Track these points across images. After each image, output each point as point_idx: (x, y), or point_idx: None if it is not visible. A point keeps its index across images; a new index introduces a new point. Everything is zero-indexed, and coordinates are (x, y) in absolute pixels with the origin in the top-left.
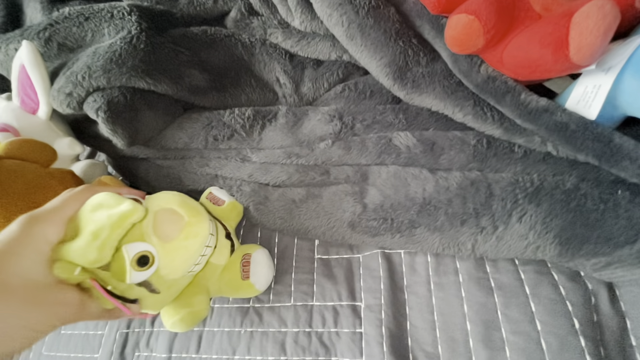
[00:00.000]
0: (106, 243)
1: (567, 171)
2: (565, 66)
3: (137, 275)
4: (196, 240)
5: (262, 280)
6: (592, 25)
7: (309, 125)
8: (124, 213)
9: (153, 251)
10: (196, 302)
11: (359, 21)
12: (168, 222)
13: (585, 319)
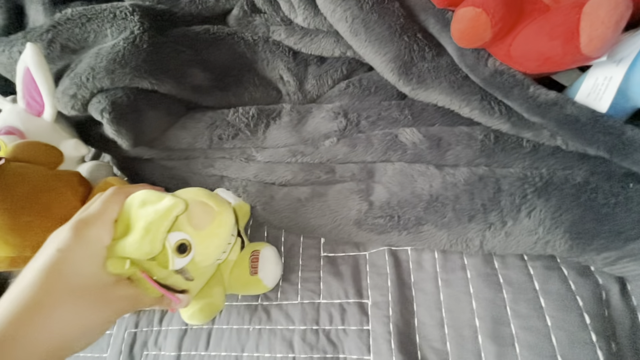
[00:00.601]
0: (157, 235)
1: (576, 165)
2: (576, 58)
3: (178, 262)
4: (226, 228)
5: (270, 276)
6: (604, 15)
7: (313, 123)
8: (169, 207)
9: (190, 239)
10: (215, 293)
11: (362, 16)
12: (201, 213)
13: (596, 314)
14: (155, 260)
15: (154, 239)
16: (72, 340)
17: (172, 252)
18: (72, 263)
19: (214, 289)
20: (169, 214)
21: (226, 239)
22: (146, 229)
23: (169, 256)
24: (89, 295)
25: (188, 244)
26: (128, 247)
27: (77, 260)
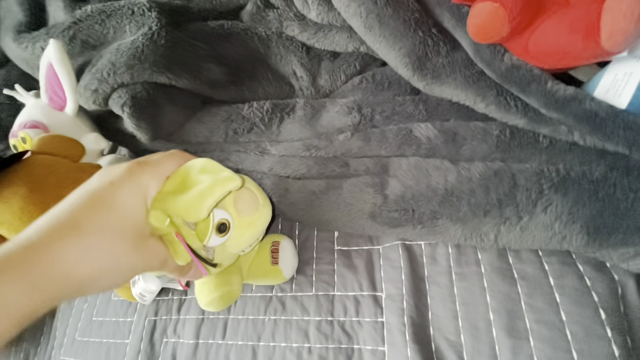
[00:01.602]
0: (209, 201)
1: (594, 160)
2: (596, 53)
3: (214, 239)
4: (264, 222)
5: (289, 267)
6: (626, 9)
7: (327, 117)
8: (227, 178)
9: (231, 221)
10: (234, 281)
11: (377, 11)
12: (247, 200)
13: (612, 310)
14: (194, 231)
15: (206, 204)
16: (96, 275)
17: (213, 228)
18: (121, 199)
19: (233, 277)
20: (226, 184)
21: (260, 233)
22: (202, 193)
23: (209, 230)
24: (126, 236)
25: (228, 225)
26: (178, 204)
27: (125, 198)
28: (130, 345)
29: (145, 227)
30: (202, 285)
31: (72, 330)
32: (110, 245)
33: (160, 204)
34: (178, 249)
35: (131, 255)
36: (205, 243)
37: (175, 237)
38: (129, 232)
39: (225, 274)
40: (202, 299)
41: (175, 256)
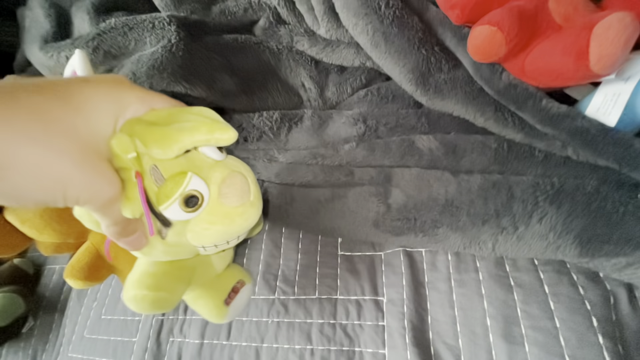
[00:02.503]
0: (187, 141)
1: (587, 174)
2: (586, 75)
3: (176, 210)
4: (244, 223)
5: (234, 314)
6: (613, 36)
7: (333, 128)
8: (220, 123)
9: (205, 199)
10: (176, 290)
11: (383, 29)
12: (236, 187)
13: (604, 318)
14: (158, 187)
15: (182, 140)
16: (15, 164)
17: (181, 194)
18: (89, 102)
19: (178, 285)
20: (216, 129)
21: (233, 234)
22: (182, 127)
23: (175, 194)
24: (74, 141)
25: (200, 202)
26: (149, 131)
27: (95, 103)
28: (137, 343)
29: (103, 148)
30: (137, 271)
31: (81, 327)
32: (50, 139)
33: (130, 128)
34: (131, 193)
35: (68, 165)
36: (164, 208)
37: (134, 177)
38: (81, 140)
39: (169, 276)
40: (128, 289)
41: (123, 203)
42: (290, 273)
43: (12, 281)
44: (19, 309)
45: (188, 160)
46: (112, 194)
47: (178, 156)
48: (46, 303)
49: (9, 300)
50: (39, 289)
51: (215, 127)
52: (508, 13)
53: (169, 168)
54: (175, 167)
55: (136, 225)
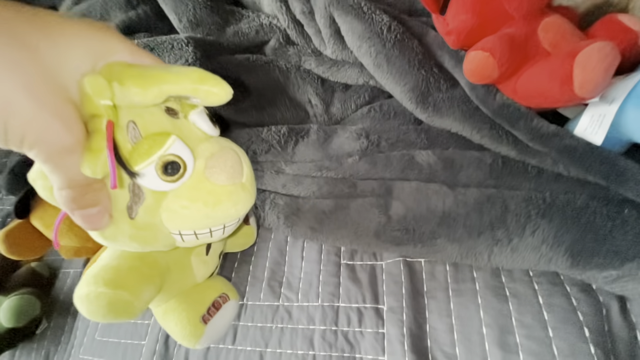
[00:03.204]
0: (167, 88)
1: (578, 190)
2: (571, 98)
3: (151, 175)
4: (230, 208)
5: (214, 336)
6: (594, 64)
7: (338, 142)
8: (214, 76)
9: (189, 169)
10: (142, 291)
11: (385, 52)
12: (227, 163)
13: (596, 328)
14: (133, 144)
15: (163, 86)
16: None
17: (160, 159)
18: (66, 37)
19: (145, 286)
20: (205, 81)
21: (218, 220)
22: (164, 73)
23: (152, 155)
24: (34, 65)
25: (181, 171)
26: (127, 70)
27: (73, 40)
28: (146, 346)
29: (70, 87)
30: (97, 264)
31: (93, 330)
32: (5, 60)
33: (109, 71)
34: (96, 144)
35: (13, 87)
36: (137, 170)
37: (104, 127)
38: (40, 65)
39: (135, 274)
40: (82, 285)
41: (86, 155)
42: (295, 280)
43: (29, 283)
44: (34, 311)
45: (174, 127)
46: (68, 140)
47: (162, 116)
48: (60, 305)
49: (26, 302)
50: (54, 292)
51: (207, 78)
52: (499, 40)
53: (149, 128)
54: (157, 128)
55: (97, 196)
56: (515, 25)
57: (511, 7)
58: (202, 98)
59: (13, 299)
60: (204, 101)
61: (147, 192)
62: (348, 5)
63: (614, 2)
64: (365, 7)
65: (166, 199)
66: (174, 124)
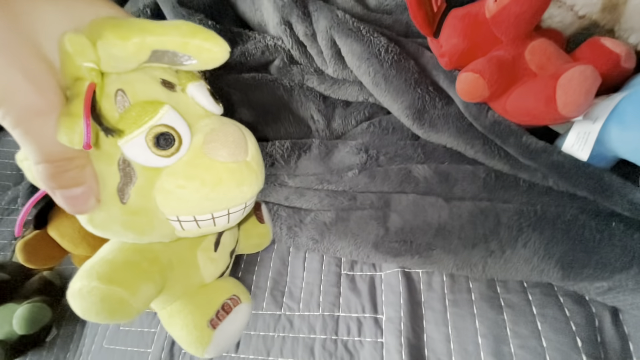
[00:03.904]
0: (150, 40)
1: (568, 203)
2: (556, 117)
3: (140, 146)
4: (232, 188)
5: (224, 343)
6: (575, 86)
7: (338, 156)
8: (210, 31)
9: (184, 145)
10: (140, 289)
11: (383, 72)
12: (228, 140)
13: (588, 339)
14: (120, 113)
15: (143, 37)
16: None
17: (151, 129)
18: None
19: (143, 283)
20: (205, 33)
21: (219, 202)
22: (149, 25)
23: (141, 127)
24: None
25: (175, 144)
26: (108, 22)
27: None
28: (152, 354)
29: (46, 46)
30: (92, 258)
31: (100, 337)
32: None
33: (91, 30)
34: (74, 108)
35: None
36: (122, 142)
37: (87, 87)
38: (11, 23)
39: (132, 269)
40: (75, 280)
41: (63, 120)
42: (296, 290)
43: (41, 292)
44: (45, 318)
45: (170, 99)
46: (37, 101)
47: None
48: (69, 314)
49: (38, 310)
50: (64, 301)
51: (199, 31)
52: (488, 62)
53: (140, 97)
54: (150, 98)
55: (80, 174)
56: (503, 48)
57: (499, 32)
58: (194, 55)
59: (26, 306)
60: (197, 60)
61: (139, 170)
62: (348, 29)
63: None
64: (364, 30)
65: (160, 179)
66: (169, 96)
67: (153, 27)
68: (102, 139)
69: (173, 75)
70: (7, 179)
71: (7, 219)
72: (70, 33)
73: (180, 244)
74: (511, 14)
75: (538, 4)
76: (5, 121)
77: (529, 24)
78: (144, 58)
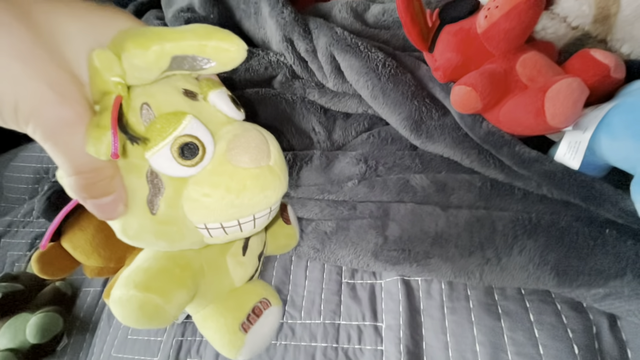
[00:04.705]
0: (169, 47)
1: (562, 211)
2: (546, 128)
3: (165, 157)
4: (257, 194)
5: (256, 346)
6: (562, 99)
7: (339, 167)
8: (224, 30)
9: (208, 154)
10: (174, 295)
11: (381, 85)
12: (250, 145)
13: (585, 346)
14: (146, 126)
15: (163, 44)
16: None
17: (175, 140)
18: (66, 6)
19: (177, 289)
20: (220, 33)
21: (244, 208)
22: (167, 30)
23: (166, 139)
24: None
25: (201, 154)
26: (133, 31)
27: (74, 9)
28: None
29: (72, 60)
30: (130, 267)
31: (109, 346)
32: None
33: (114, 44)
34: (103, 120)
35: (8, 55)
36: (149, 155)
37: (114, 101)
38: (38, 39)
39: (166, 275)
40: (115, 288)
41: (91, 131)
42: (298, 299)
43: (53, 301)
44: (57, 328)
45: (192, 109)
46: (65, 113)
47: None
48: (80, 323)
49: (50, 319)
50: (75, 310)
51: (215, 31)
52: (480, 75)
53: (164, 109)
54: (173, 109)
55: (110, 184)
56: (495, 61)
57: (490, 46)
58: (212, 57)
59: (39, 316)
60: (216, 62)
61: (166, 181)
62: (346, 45)
63: (593, 35)
64: (362, 46)
65: (187, 188)
66: (192, 106)
67: (170, 34)
68: (130, 151)
69: (194, 84)
70: (23, 192)
71: (22, 231)
72: (98, 49)
73: (210, 249)
74: (501, 29)
75: (527, 20)
76: (36, 135)
77: (519, 38)
78: (165, 65)
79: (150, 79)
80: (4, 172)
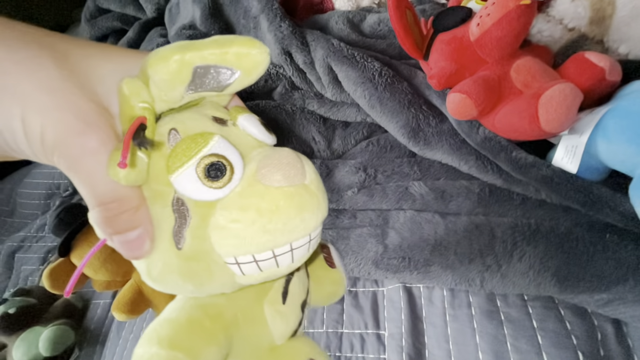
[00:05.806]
0: (189, 56)
1: (561, 216)
2: (541, 133)
3: (190, 178)
4: (292, 215)
5: None
6: (556, 105)
7: (338, 176)
8: (244, 37)
9: (237, 174)
10: (202, 352)
11: (377, 94)
12: (282, 163)
13: (590, 353)
14: (170, 148)
15: (183, 53)
16: None
17: (201, 160)
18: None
19: (206, 345)
20: (240, 40)
21: (279, 236)
22: (187, 43)
23: (192, 159)
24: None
25: (229, 175)
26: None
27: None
28: None
29: (103, 95)
30: (158, 317)
31: (119, 357)
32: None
33: (142, 73)
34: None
35: (37, 87)
36: (174, 177)
37: (137, 119)
38: (68, 73)
39: (195, 329)
40: (139, 344)
41: (112, 154)
42: None
43: (64, 314)
44: (69, 340)
45: (222, 132)
46: (89, 141)
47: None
48: (90, 335)
49: (62, 332)
50: (85, 322)
51: (236, 39)
52: (474, 83)
53: (192, 132)
54: (202, 131)
55: (136, 216)
56: (489, 68)
57: (483, 54)
58: (235, 64)
59: (51, 329)
60: (240, 70)
61: (192, 208)
62: (343, 56)
63: (590, 36)
64: (358, 56)
65: (214, 215)
66: (221, 130)
67: (191, 44)
68: (153, 177)
69: (224, 112)
70: (36, 208)
71: (35, 245)
72: (127, 78)
73: (244, 296)
74: (493, 37)
75: (519, 27)
76: (61, 165)
77: (511, 45)
78: (188, 77)
79: (176, 97)
80: (18, 189)
